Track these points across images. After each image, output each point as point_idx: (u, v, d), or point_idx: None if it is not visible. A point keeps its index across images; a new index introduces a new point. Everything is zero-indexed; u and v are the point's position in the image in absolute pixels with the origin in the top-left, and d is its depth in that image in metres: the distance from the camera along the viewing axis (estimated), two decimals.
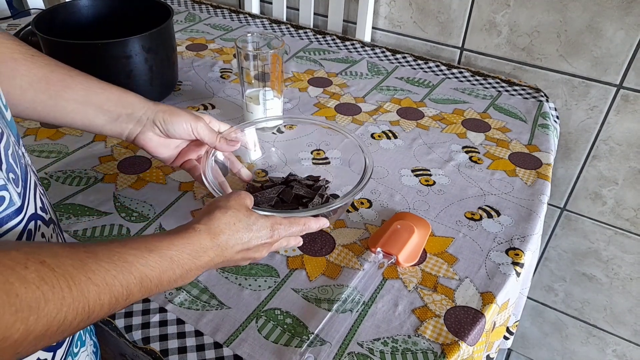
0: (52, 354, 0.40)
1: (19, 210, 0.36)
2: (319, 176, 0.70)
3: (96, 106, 0.55)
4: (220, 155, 0.64)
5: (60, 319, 0.29)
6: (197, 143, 0.62)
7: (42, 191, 0.44)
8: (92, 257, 0.33)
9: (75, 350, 0.46)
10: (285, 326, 0.52)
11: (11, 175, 0.36)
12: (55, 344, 0.40)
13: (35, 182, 0.42)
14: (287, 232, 0.51)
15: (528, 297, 1.16)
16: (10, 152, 0.37)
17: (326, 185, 0.68)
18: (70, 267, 0.31)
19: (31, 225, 0.38)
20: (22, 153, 0.41)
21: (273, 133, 0.76)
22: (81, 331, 0.48)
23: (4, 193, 0.34)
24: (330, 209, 0.56)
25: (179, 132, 0.58)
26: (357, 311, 0.54)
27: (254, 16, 1.24)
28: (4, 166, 0.35)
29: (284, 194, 0.65)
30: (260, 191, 0.65)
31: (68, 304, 0.30)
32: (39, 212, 0.41)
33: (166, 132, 0.58)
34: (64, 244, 0.34)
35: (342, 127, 0.71)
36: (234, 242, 0.46)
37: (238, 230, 0.46)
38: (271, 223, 0.49)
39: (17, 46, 0.49)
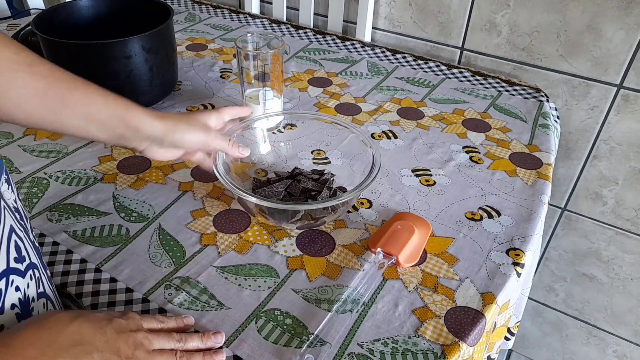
0: None
1: None
2: (323, 170, 0.70)
3: (98, 124, 0.52)
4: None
5: None
6: None
7: (21, 235, 0.40)
8: None
9: None
10: (285, 327, 0.52)
11: None
12: None
13: (11, 226, 0.39)
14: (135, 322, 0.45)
15: (528, 297, 1.16)
16: None
17: (332, 179, 0.68)
18: None
19: (1, 284, 0.36)
20: None
21: (273, 133, 0.76)
22: None
23: None
24: (341, 200, 0.57)
25: (191, 146, 0.59)
26: (357, 312, 0.54)
27: (254, 16, 1.24)
28: None
29: (291, 187, 0.65)
30: (267, 185, 0.65)
31: None
32: (13, 264, 0.38)
33: (176, 147, 0.58)
34: None
35: (346, 121, 0.72)
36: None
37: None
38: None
39: (15, 55, 0.47)
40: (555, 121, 0.93)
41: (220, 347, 0.50)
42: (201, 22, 1.23)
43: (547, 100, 0.95)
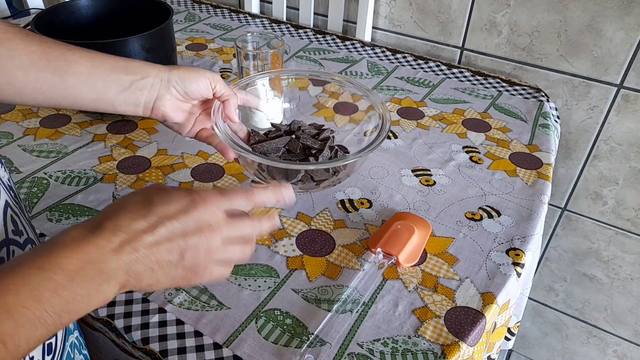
0: None
1: None
2: (322, 125, 0.69)
3: (104, 76, 0.50)
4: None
5: None
6: (209, 111, 0.60)
7: (16, 211, 0.40)
8: None
9: None
10: (285, 327, 0.52)
11: None
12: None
13: (6, 201, 0.38)
14: (227, 202, 0.40)
15: (528, 297, 1.16)
16: None
17: (332, 135, 0.67)
18: None
19: (3, 252, 0.36)
20: None
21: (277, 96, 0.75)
22: (68, 348, 0.45)
23: None
24: (347, 162, 0.57)
25: (198, 88, 0.55)
26: (357, 312, 0.54)
27: (253, 16, 1.24)
28: None
29: (290, 144, 0.64)
30: (266, 140, 0.65)
31: None
32: (12, 235, 0.38)
33: (184, 91, 0.55)
34: None
35: (352, 79, 0.71)
36: (131, 217, 0.35)
37: (131, 203, 0.37)
38: (187, 191, 0.39)
39: (8, 26, 0.46)
40: (556, 121, 0.93)
41: (220, 346, 0.50)
42: (201, 21, 1.23)
43: (547, 100, 0.95)
